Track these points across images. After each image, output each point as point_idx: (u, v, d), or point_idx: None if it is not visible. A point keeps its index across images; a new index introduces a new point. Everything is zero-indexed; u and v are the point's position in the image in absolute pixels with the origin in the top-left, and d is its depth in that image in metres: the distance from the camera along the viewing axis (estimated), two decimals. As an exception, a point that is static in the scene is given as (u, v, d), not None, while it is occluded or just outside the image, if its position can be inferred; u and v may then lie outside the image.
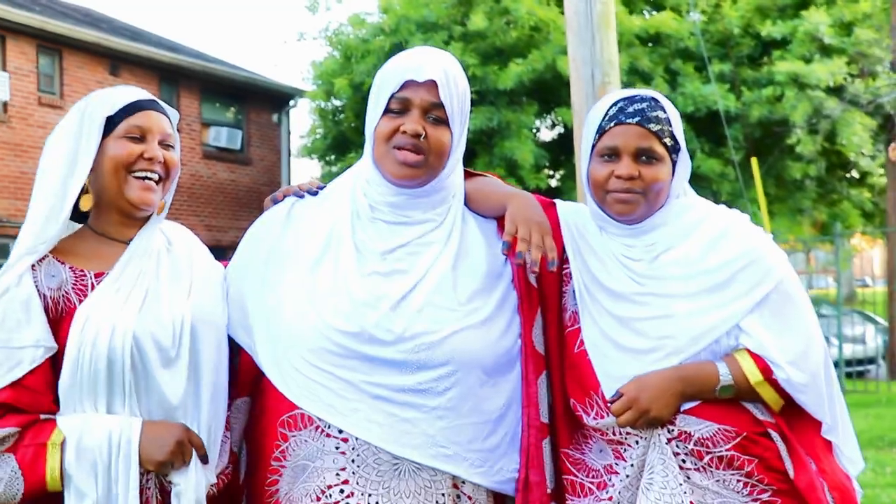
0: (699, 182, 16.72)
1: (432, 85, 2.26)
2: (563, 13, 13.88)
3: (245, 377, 2.34)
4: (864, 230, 20.73)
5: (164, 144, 2.27)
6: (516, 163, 15.71)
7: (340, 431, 2.18)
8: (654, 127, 2.33)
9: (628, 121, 2.33)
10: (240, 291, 2.36)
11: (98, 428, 2.08)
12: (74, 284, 2.17)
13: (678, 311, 2.27)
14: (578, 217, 2.48)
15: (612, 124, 2.35)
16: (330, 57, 17.83)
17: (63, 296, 2.14)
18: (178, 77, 19.25)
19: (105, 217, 2.27)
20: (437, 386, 2.19)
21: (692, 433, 2.23)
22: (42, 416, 2.10)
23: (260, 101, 21.31)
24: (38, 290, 2.13)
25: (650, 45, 16.56)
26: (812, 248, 18.78)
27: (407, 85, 2.26)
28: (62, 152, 2.20)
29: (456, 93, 2.30)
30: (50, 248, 2.17)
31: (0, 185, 15.71)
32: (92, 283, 2.18)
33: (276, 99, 21.69)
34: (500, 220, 2.37)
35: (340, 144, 17.93)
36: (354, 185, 2.40)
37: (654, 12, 17.44)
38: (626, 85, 15.73)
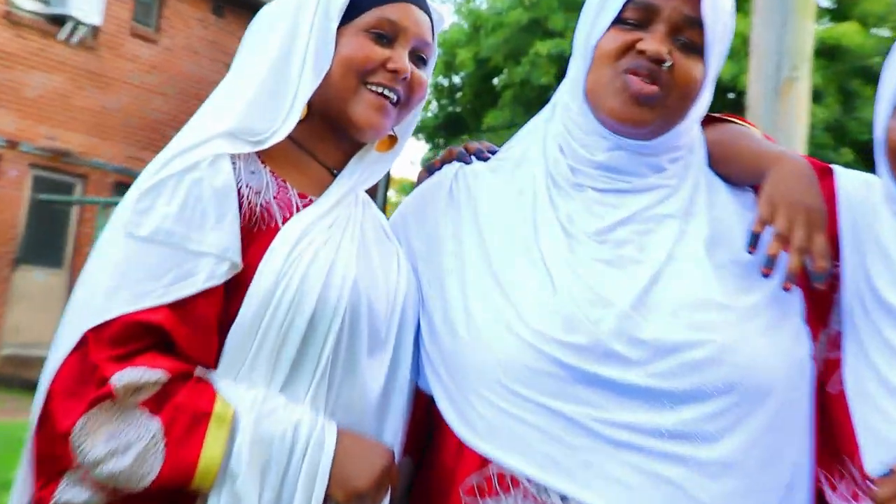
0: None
1: None
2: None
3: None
4: None
5: (417, 56, 1.77)
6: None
7: (564, 499, 1.56)
8: None
9: None
10: None
11: (281, 414, 1.50)
12: (277, 196, 1.64)
13: None
14: (867, 195, 1.84)
15: None
16: (456, 26, 17.25)
17: (263, 205, 1.61)
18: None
19: (314, 128, 1.74)
20: (710, 426, 1.56)
21: None
22: (197, 371, 1.50)
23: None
24: (237, 186, 1.59)
25: (824, 58, 15.19)
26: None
27: None
28: (296, 29, 1.71)
29: (722, 8, 1.74)
30: (269, 144, 1.64)
31: (77, 117, 14.99)
32: (297, 204, 1.66)
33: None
34: (758, 188, 1.76)
35: (453, 125, 17.47)
36: (545, 140, 1.86)
37: (835, 23, 16.49)
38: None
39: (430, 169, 1.99)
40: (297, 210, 1.64)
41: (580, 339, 1.58)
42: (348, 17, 1.70)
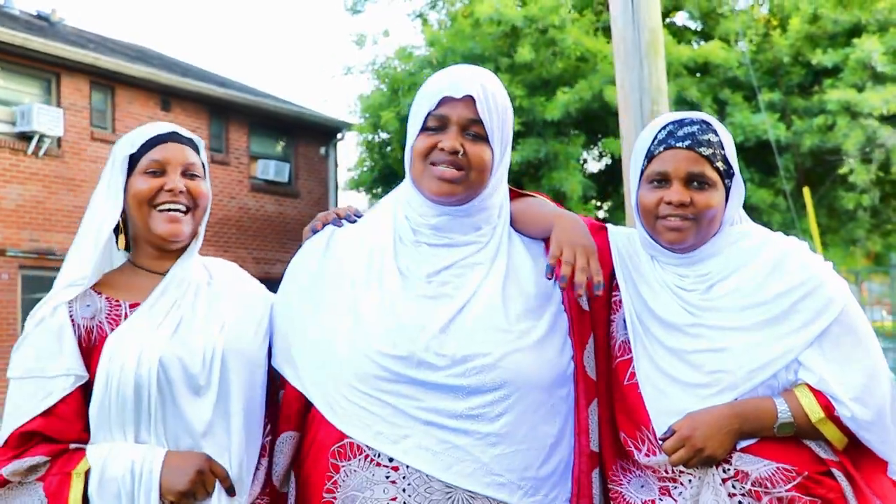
0: (749, 213, 16.24)
1: (470, 101, 2.23)
2: (609, 42, 14.01)
3: (289, 410, 2.29)
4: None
5: (189, 174, 2.30)
6: (564, 194, 15.61)
7: (391, 460, 2.13)
8: (706, 151, 2.26)
9: (678, 145, 2.26)
10: (284, 324, 2.34)
11: (122, 457, 2.09)
12: (108, 314, 2.20)
13: (733, 345, 2.19)
14: (630, 243, 2.42)
15: (661, 148, 2.29)
16: (377, 90, 17.92)
17: (97, 325, 2.18)
18: (228, 111, 19.45)
19: (141, 251, 2.31)
20: (491, 411, 2.14)
21: (749, 472, 2.14)
22: (72, 446, 2.13)
23: (308, 134, 21.44)
24: (73, 320, 2.17)
25: (698, 74, 16.43)
26: (865, 280, 18.29)
27: (444, 102, 2.24)
28: (99, 193, 2.28)
29: (495, 109, 2.27)
30: (90, 284, 2.22)
31: (54, 218, 15.96)
32: (126, 313, 2.21)
33: (324, 132, 21.83)
34: (547, 242, 2.33)
35: (387, 177, 18.02)
36: (395, 208, 2.39)
37: (702, 42, 17.42)
38: (674, 114, 15.49)
39: (314, 230, 2.48)
40: (126, 318, 2.19)
41: (401, 352, 2.15)
42: (133, 168, 2.27)
